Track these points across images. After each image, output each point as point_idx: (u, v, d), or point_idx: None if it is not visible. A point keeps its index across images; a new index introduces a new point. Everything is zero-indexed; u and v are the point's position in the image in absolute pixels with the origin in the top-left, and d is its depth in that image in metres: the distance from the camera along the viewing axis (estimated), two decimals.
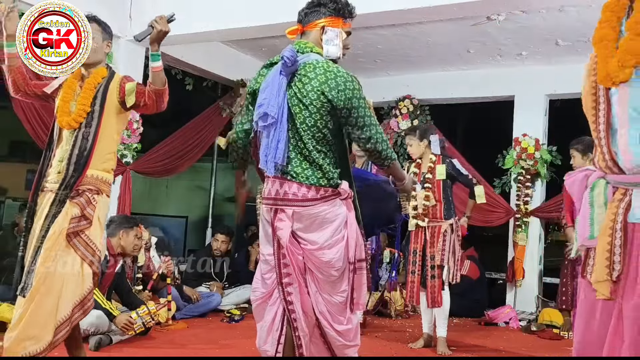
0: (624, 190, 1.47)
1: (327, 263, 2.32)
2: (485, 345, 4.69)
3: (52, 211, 2.75)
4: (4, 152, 9.96)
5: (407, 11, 4.30)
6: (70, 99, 2.90)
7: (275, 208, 2.35)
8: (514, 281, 6.21)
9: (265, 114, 2.26)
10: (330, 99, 2.28)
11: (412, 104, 6.81)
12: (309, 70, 2.31)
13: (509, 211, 6.30)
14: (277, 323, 2.39)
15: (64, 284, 2.70)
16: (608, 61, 1.46)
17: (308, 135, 2.31)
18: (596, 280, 1.47)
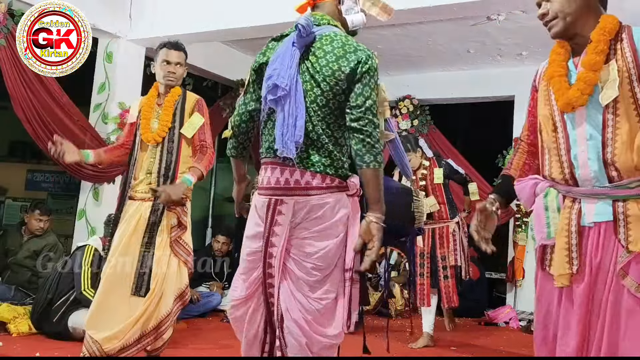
0: (572, 199, 1.77)
1: (308, 255, 1.99)
2: (485, 345, 4.69)
3: (152, 219, 3.10)
4: (4, 152, 9.96)
5: (407, 11, 4.30)
6: (151, 117, 3.19)
7: (275, 199, 2.02)
8: (514, 281, 6.21)
9: (275, 85, 1.96)
10: (347, 74, 1.99)
11: (412, 104, 6.81)
12: (325, 42, 2.03)
13: (509, 211, 6.30)
14: (262, 331, 2.10)
15: (166, 282, 3.09)
16: (564, 92, 1.76)
17: (318, 116, 2.01)
18: (558, 273, 1.77)
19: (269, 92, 1.99)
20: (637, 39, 1.73)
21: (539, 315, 1.93)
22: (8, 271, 4.84)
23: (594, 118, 1.73)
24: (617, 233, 1.69)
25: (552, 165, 1.82)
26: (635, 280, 1.63)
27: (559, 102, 1.78)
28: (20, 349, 3.63)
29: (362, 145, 1.97)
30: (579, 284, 1.73)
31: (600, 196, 1.73)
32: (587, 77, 1.73)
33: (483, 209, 1.94)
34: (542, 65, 1.99)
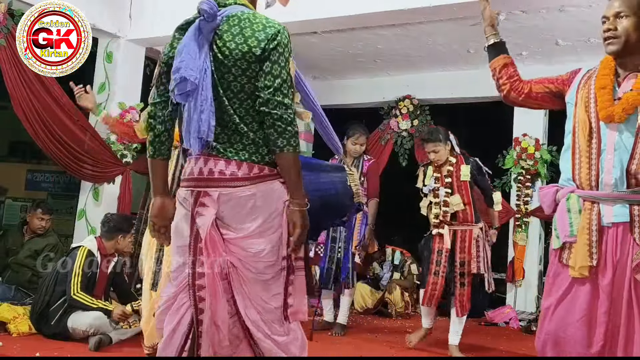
0: (592, 202, 2.00)
1: (255, 255, 1.87)
2: (485, 345, 4.69)
3: None
4: (4, 152, 9.96)
5: (407, 11, 4.30)
6: None
7: (198, 191, 1.90)
8: (514, 281, 6.21)
9: (183, 78, 1.81)
10: (257, 55, 1.86)
11: (412, 104, 6.81)
12: (233, 24, 1.90)
13: (509, 211, 6.30)
14: (179, 335, 1.91)
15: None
16: (608, 105, 1.97)
17: (235, 103, 1.89)
18: (580, 264, 1.99)
19: (177, 87, 1.84)
20: None
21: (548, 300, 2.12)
22: (9, 271, 4.83)
23: (627, 132, 1.95)
24: (633, 232, 1.92)
25: (581, 168, 2.04)
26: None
27: (602, 112, 1.98)
28: (20, 349, 3.63)
29: (273, 129, 1.86)
30: (605, 278, 1.96)
31: (618, 200, 1.95)
32: (634, 99, 1.94)
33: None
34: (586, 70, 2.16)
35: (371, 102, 7.07)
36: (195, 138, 1.86)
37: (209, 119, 1.85)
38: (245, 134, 1.90)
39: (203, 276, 1.87)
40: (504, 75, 2.30)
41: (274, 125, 1.86)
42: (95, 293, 4.00)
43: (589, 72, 2.14)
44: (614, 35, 1.99)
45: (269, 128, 1.87)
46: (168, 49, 1.98)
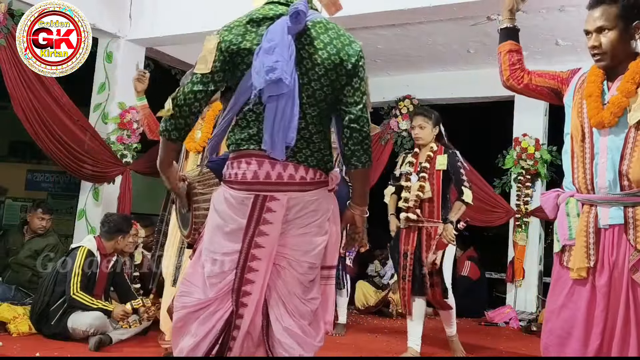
0: (590, 205, 2.06)
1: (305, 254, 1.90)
2: (485, 345, 4.69)
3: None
4: (4, 152, 9.96)
5: (407, 11, 4.30)
6: (195, 128, 3.41)
7: (264, 195, 1.84)
8: (514, 281, 6.21)
9: (279, 80, 1.75)
10: (348, 69, 1.87)
11: (412, 104, 6.81)
12: (321, 31, 1.88)
13: (509, 211, 6.30)
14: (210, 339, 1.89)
15: None
16: (598, 111, 2.03)
17: (314, 111, 1.88)
18: (578, 266, 2.04)
19: (269, 87, 1.77)
20: None
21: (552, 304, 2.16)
22: (9, 271, 4.83)
23: (618, 134, 2.00)
24: (628, 234, 1.97)
25: (578, 172, 2.09)
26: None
27: (592, 120, 2.04)
28: (20, 349, 3.63)
29: (360, 145, 1.91)
30: (602, 278, 2.01)
31: (612, 202, 2.00)
32: (620, 102, 1.99)
33: None
34: (582, 72, 2.20)
35: (371, 102, 7.06)
36: (282, 143, 1.80)
37: (296, 126, 1.81)
38: (314, 142, 1.90)
39: (250, 283, 1.86)
40: (506, 60, 2.31)
41: (363, 142, 1.91)
42: (95, 293, 4.01)
43: (584, 73, 2.18)
44: (601, 52, 2.04)
45: (357, 145, 1.90)
46: (232, 36, 1.89)
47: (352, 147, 1.91)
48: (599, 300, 2.00)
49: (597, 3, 2.05)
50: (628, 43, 2.04)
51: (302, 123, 1.86)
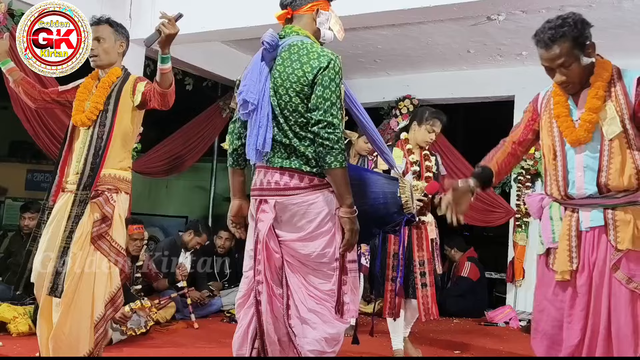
0: (572, 209, 2.15)
1: (305, 256, 2.16)
2: (485, 345, 4.69)
3: (74, 212, 2.78)
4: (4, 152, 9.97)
5: (407, 11, 4.30)
6: (86, 99, 2.93)
7: (260, 199, 2.22)
8: (514, 281, 6.21)
9: (244, 101, 2.17)
10: (310, 80, 2.14)
11: (412, 104, 6.81)
12: (293, 52, 2.20)
13: (509, 211, 6.30)
14: (253, 328, 2.22)
15: (96, 284, 2.80)
16: (572, 130, 2.14)
17: (290, 121, 2.17)
18: (561, 269, 2.13)
19: (241, 107, 2.19)
20: (626, 82, 2.10)
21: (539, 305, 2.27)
22: (8, 271, 4.82)
23: (593, 149, 2.10)
24: (608, 235, 2.06)
25: (552, 186, 2.21)
26: (625, 274, 2.01)
27: (568, 139, 2.14)
28: (20, 349, 3.63)
29: (322, 147, 2.12)
30: (581, 278, 2.09)
31: (593, 205, 2.10)
32: (591, 119, 2.09)
33: (458, 187, 2.26)
34: (544, 92, 2.33)
35: (371, 102, 7.07)
36: (252, 149, 2.16)
37: (266, 133, 2.14)
38: (298, 148, 2.17)
39: (260, 273, 2.17)
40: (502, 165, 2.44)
41: (323, 144, 2.12)
42: None
43: (546, 93, 2.30)
44: (569, 83, 2.15)
45: (319, 146, 2.13)
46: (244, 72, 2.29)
47: (316, 148, 2.15)
48: (579, 300, 2.09)
49: (551, 41, 2.16)
50: (589, 64, 2.14)
51: (282, 132, 2.18)
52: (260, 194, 2.23)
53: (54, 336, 2.76)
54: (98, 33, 2.90)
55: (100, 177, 2.82)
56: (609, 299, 2.03)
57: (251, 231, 2.28)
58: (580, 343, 2.07)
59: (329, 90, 2.13)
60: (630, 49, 5.43)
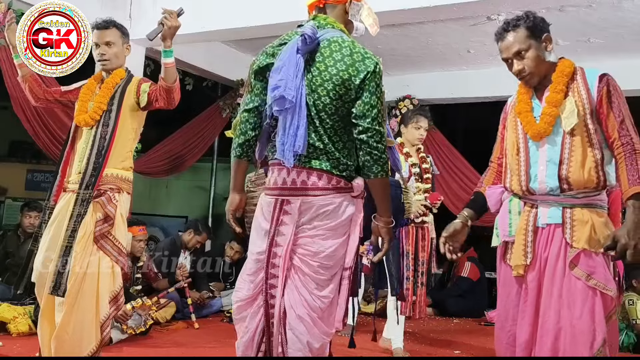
0: (531, 204, 2.18)
1: (314, 254, 2.04)
2: (485, 345, 4.69)
3: (77, 211, 2.79)
4: (4, 152, 9.97)
5: (407, 11, 4.30)
6: (89, 99, 2.96)
7: (282, 199, 2.06)
8: None
9: (282, 97, 1.97)
10: (357, 84, 2.01)
11: (412, 104, 6.81)
12: (335, 49, 2.04)
13: None
14: (260, 332, 2.09)
15: (100, 284, 2.81)
16: (533, 125, 2.18)
17: (327, 124, 2.03)
18: (515, 263, 2.16)
19: (276, 103, 1.99)
20: (589, 79, 2.14)
21: (500, 299, 2.28)
22: (8, 272, 4.82)
23: (554, 142, 2.14)
24: (564, 233, 2.08)
25: (512, 180, 2.24)
26: (584, 270, 2.04)
27: (530, 132, 2.18)
28: (20, 349, 3.63)
29: (369, 157, 2.03)
30: (531, 273, 2.13)
31: (552, 203, 2.13)
32: (551, 112, 2.14)
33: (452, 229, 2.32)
34: (511, 99, 2.42)
35: None
36: (290, 151, 1.99)
37: (305, 135, 1.99)
38: (331, 152, 2.04)
39: (274, 277, 2.04)
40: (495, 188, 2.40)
41: (372, 153, 2.02)
42: None
43: (514, 99, 2.37)
44: (527, 73, 2.19)
45: (366, 156, 2.03)
46: (262, 58, 2.13)
47: (362, 157, 2.05)
48: (527, 295, 2.12)
49: (504, 32, 2.21)
50: (544, 57, 2.18)
51: (316, 135, 2.03)
52: (281, 193, 2.07)
53: (56, 336, 2.76)
54: (108, 37, 2.94)
55: (103, 176, 2.84)
56: (562, 296, 2.04)
57: (261, 232, 2.11)
58: (530, 339, 2.09)
59: (376, 97, 2.03)
60: (630, 49, 5.43)
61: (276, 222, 2.06)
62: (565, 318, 2.03)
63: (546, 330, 2.06)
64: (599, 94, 2.10)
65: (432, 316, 6.00)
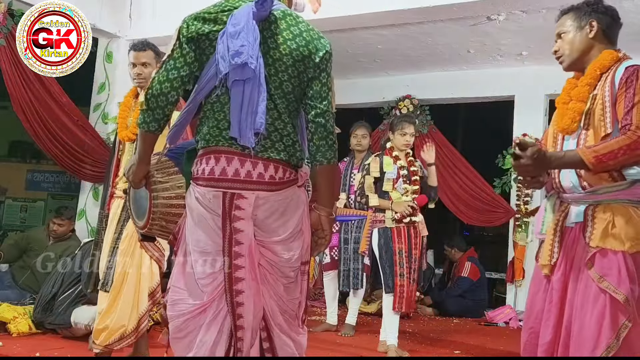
0: (566, 205, 2.10)
1: (287, 261, 1.88)
2: (485, 345, 4.69)
3: (124, 215, 3.10)
4: (4, 152, 9.97)
5: (407, 11, 4.30)
6: (127, 115, 3.22)
7: (232, 193, 1.80)
8: (514, 281, 6.21)
9: (245, 64, 1.73)
10: (316, 62, 1.85)
11: (412, 104, 6.81)
12: (291, 23, 1.86)
13: (509, 211, 6.30)
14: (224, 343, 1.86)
15: (141, 280, 3.08)
16: (560, 119, 2.12)
17: (283, 103, 1.85)
18: (542, 263, 2.12)
19: (234, 71, 1.75)
20: (619, 71, 2.03)
21: (528, 296, 2.24)
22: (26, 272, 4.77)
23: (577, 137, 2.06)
24: (585, 232, 2.01)
25: (550, 177, 2.16)
26: (597, 272, 1.94)
27: (557, 127, 2.13)
28: (20, 349, 3.63)
29: (325, 141, 1.88)
30: (557, 274, 2.07)
31: (580, 201, 2.05)
32: (574, 107, 2.07)
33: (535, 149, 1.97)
34: None
35: (371, 102, 7.07)
36: (250, 129, 1.76)
37: (264, 112, 1.77)
38: (288, 135, 1.86)
39: (241, 280, 1.82)
40: None
41: (327, 137, 1.87)
42: None
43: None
44: (560, 54, 2.16)
45: (322, 139, 1.87)
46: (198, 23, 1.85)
47: (316, 142, 1.88)
48: (553, 295, 2.06)
49: (559, 17, 2.20)
50: (586, 42, 2.11)
51: (274, 114, 1.84)
52: (231, 186, 1.80)
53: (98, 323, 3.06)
54: (144, 59, 3.13)
55: None
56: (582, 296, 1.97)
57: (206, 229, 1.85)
58: (552, 341, 2.02)
59: (331, 79, 1.91)
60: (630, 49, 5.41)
61: (229, 218, 1.81)
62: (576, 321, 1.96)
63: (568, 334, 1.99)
64: (619, 84, 2.00)
65: (432, 316, 6.00)
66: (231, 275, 1.82)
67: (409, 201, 4.00)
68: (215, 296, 1.85)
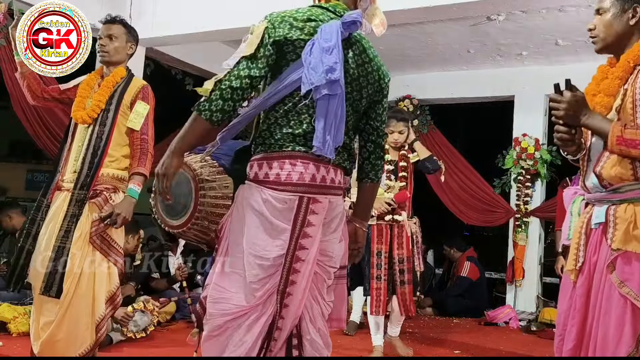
0: (590, 206, 1.99)
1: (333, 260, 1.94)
2: (485, 345, 4.69)
3: (71, 211, 2.77)
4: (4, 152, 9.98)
5: (407, 11, 4.30)
6: (87, 96, 2.92)
7: (308, 197, 1.82)
8: (513, 281, 6.22)
9: (336, 81, 1.77)
10: (383, 86, 1.98)
11: (412, 104, 6.82)
12: (368, 46, 1.95)
13: (509, 211, 6.30)
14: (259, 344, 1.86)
15: (96, 284, 2.78)
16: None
17: (352, 119, 1.93)
18: (567, 268, 2.02)
19: (328, 87, 1.76)
20: None
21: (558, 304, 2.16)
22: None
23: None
24: (607, 233, 1.89)
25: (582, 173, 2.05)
26: (619, 276, 1.83)
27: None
28: (20, 349, 3.62)
29: (380, 161, 2.04)
30: (580, 279, 1.96)
31: (602, 201, 1.93)
32: (601, 101, 1.92)
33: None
34: None
35: None
36: (334, 144, 1.80)
37: (344, 128, 1.85)
38: (350, 147, 1.96)
39: (294, 284, 1.84)
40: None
41: (382, 158, 2.04)
42: None
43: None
44: (594, 34, 1.98)
45: (377, 159, 2.03)
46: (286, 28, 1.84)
47: (373, 161, 2.03)
48: (576, 301, 1.96)
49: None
50: (625, 27, 1.92)
51: (345, 129, 1.88)
52: (308, 190, 1.82)
53: (50, 335, 2.73)
54: (111, 31, 2.94)
55: (99, 176, 2.81)
56: (606, 301, 1.86)
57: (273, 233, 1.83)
58: (576, 348, 1.94)
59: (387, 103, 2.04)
60: None
61: (302, 223, 1.82)
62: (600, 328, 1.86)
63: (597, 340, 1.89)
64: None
65: (432, 316, 6.00)
66: (288, 279, 1.84)
67: (389, 198, 3.79)
68: (261, 301, 1.84)
